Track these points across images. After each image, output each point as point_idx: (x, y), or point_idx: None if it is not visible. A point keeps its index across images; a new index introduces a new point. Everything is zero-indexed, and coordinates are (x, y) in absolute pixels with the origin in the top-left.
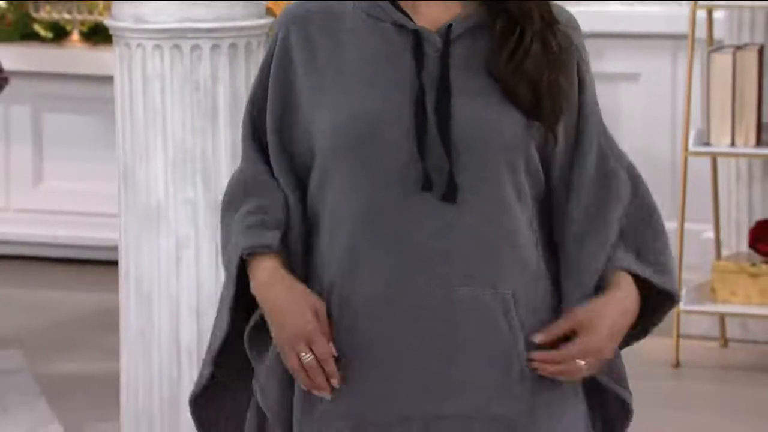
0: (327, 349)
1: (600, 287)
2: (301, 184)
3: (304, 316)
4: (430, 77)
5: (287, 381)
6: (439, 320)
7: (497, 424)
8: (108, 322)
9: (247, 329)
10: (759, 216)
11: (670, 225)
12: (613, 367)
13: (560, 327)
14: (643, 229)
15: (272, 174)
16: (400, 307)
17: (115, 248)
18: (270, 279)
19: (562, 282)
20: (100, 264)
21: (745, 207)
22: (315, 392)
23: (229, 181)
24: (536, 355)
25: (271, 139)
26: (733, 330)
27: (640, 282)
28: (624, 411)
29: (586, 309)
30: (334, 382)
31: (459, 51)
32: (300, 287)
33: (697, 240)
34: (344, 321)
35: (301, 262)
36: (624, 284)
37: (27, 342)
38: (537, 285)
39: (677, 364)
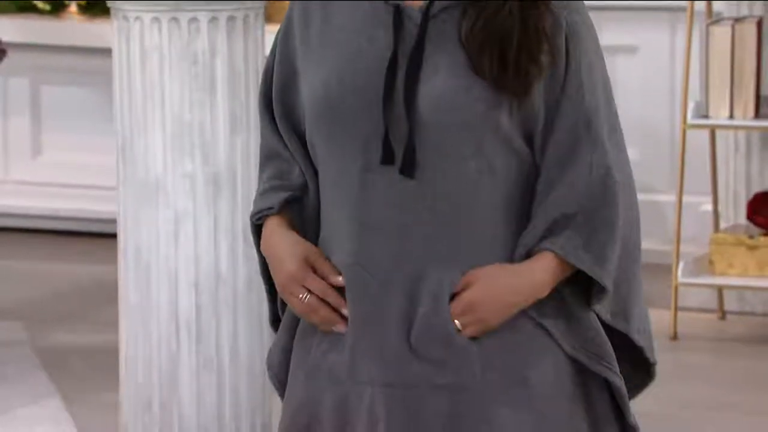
0: (319, 283)
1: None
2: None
3: (293, 261)
4: (405, 51)
5: (287, 345)
6: (395, 292)
7: (444, 391)
8: (107, 295)
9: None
10: (757, 188)
11: (669, 198)
12: (597, 350)
13: (457, 285)
14: (596, 220)
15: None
16: (362, 277)
17: (114, 221)
18: (268, 235)
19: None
20: (99, 236)
21: (743, 179)
22: (334, 329)
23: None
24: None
25: (276, 108)
26: (730, 302)
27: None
28: (617, 392)
29: (482, 269)
30: (344, 311)
31: (438, 27)
32: (292, 237)
33: (695, 212)
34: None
35: (317, 226)
36: (540, 262)
37: (26, 314)
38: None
39: (675, 337)
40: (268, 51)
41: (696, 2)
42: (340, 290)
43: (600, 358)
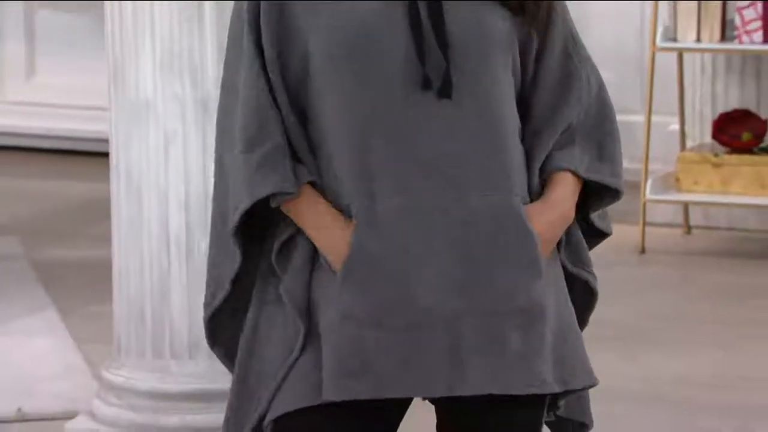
0: None
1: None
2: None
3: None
4: None
5: (312, 279)
6: (454, 222)
7: (524, 312)
8: (100, 211)
9: (276, 249)
10: (722, 108)
11: (638, 118)
12: (577, 254)
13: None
14: (601, 131)
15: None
16: (417, 212)
17: (106, 141)
18: (313, 202)
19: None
20: (92, 155)
21: (708, 100)
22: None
23: (243, 107)
24: None
25: (270, 54)
26: (696, 217)
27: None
28: (590, 295)
29: (530, 208)
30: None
31: None
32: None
33: (663, 132)
34: (365, 235)
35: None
36: (556, 190)
37: (22, 230)
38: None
39: (643, 250)
40: None
41: None
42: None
43: (584, 264)
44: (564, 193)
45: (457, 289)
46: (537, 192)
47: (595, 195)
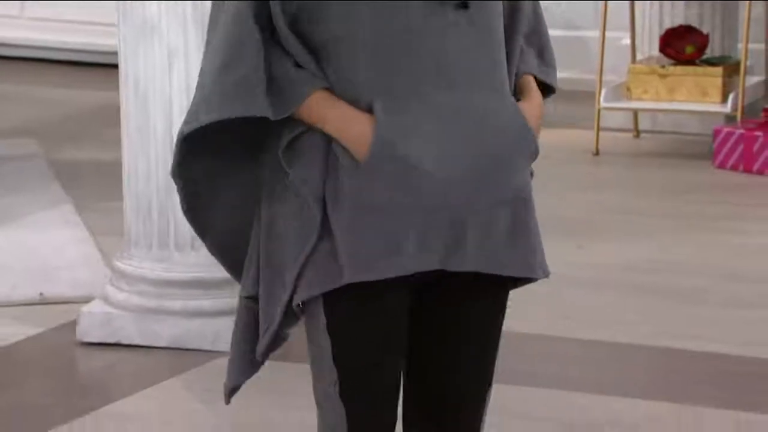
0: None
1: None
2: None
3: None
4: None
5: (328, 170)
6: (466, 119)
7: (517, 199)
8: (111, 117)
9: (284, 146)
10: (668, 25)
11: (593, 34)
12: None
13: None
14: (542, 40)
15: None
16: (433, 109)
17: (116, 54)
18: (325, 97)
19: None
20: (104, 67)
21: (657, 17)
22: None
23: (224, 27)
24: None
25: None
26: (644, 123)
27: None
28: None
29: (523, 105)
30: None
31: None
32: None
33: (615, 46)
34: (386, 128)
35: None
36: (533, 91)
37: (40, 133)
38: None
39: (597, 153)
40: None
41: None
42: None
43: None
44: (537, 93)
45: (467, 180)
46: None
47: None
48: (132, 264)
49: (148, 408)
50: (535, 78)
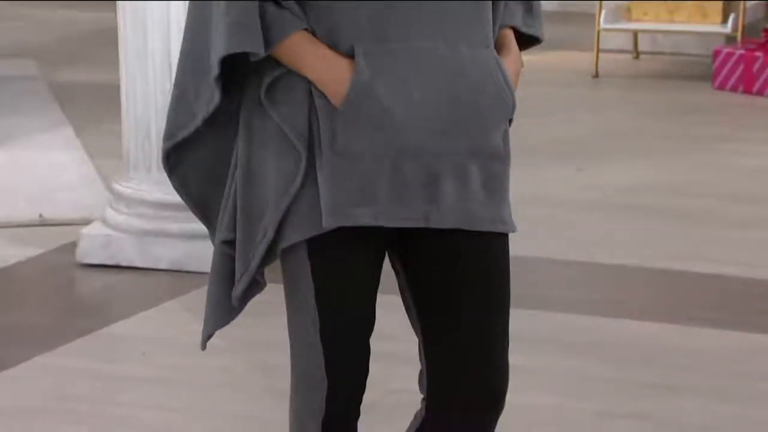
0: None
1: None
2: None
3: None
4: None
5: (311, 111)
6: (447, 70)
7: (493, 156)
8: (109, 39)
9: (266, 85)
10: None
11: None
12: None
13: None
14: None
15: None
16: (415, 57)
17: None
18: (307, 41)
19: None
20: None
21: None
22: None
23: None
24: None
25: None
26: (644, 44)
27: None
28: None
29: (505, 58)
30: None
31: None
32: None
33: None
34: (365, 74)
35: None
36: (512, 46)
37: (39, 54)
38: None
39: (596, 75)
40: None
41: None
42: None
43: None
44: (515, 48)
45: (441, 130)
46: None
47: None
48: (131, 187)
49: (148, 329)
50: (520, 30)
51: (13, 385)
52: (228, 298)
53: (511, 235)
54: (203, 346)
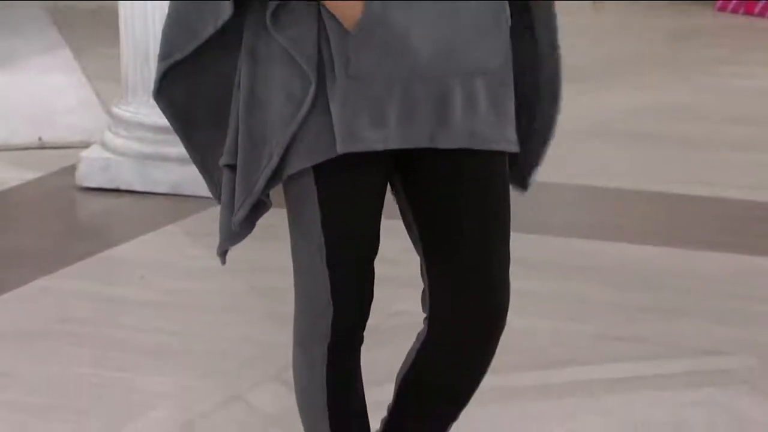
0: None
1: None
2: None
3: None
4: None
5: (320, 35)
6: None
7: (493, 76)
8: None
9: (272, 8)
10: None
11: None
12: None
13: None
14: None
15: None
16: None
17: None
18: None
19: None
20: None
21: None
22: None
23: None
24: None
25: None
26: None
27: None
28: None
29: None
30: None
31: None
32: None
33: None
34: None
35: None
36: None
37: None
38: None
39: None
40: None
41: None
42: None
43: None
44: None
45: (448, 51)
46: None
47: None
48: (129, 110)
49: (148, 253)
50: None
51: (14, 308)
52: (240, 219)
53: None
54: (222, 261)
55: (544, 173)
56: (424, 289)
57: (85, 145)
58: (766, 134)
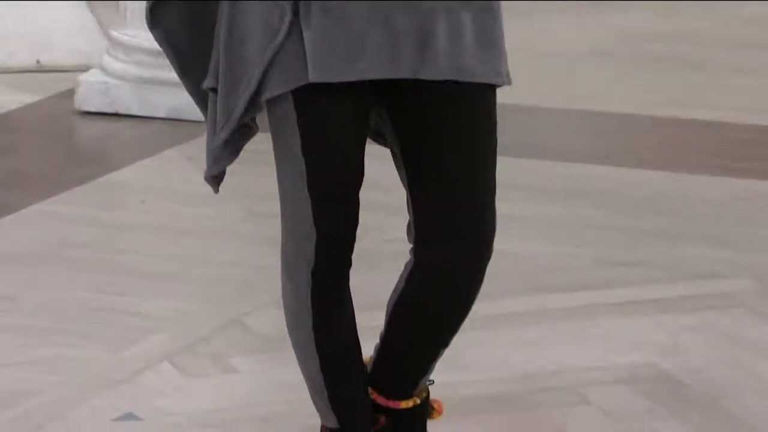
0: None
1: None
2: None
3: None
4: None
5: None
6: None
7: (479, 8)
8: None
9: None
10: None
11: None
12: None
13: None
14: None
15: None
16: None
17: None
18: None
19: None
20: None
21: None
22: None
23: None
24: None
25: None
26: None
27: None
28: None
29: None
30: None
31: None
32: None
33: None
34: None
35: None
36: None
37: None
38: None
39: None
40: None
41: None
42: None
43: None
44: None
45: None
46: None
47: None
48: (128, 34)
49: (148, 177)
50: None
51: (14, 232)
52: (220, 143)
53: (510, 87)
54: (215, 190)
55: (544, 97)
56: (409, 220)
57: (84, 69)
58: (763, 58)
